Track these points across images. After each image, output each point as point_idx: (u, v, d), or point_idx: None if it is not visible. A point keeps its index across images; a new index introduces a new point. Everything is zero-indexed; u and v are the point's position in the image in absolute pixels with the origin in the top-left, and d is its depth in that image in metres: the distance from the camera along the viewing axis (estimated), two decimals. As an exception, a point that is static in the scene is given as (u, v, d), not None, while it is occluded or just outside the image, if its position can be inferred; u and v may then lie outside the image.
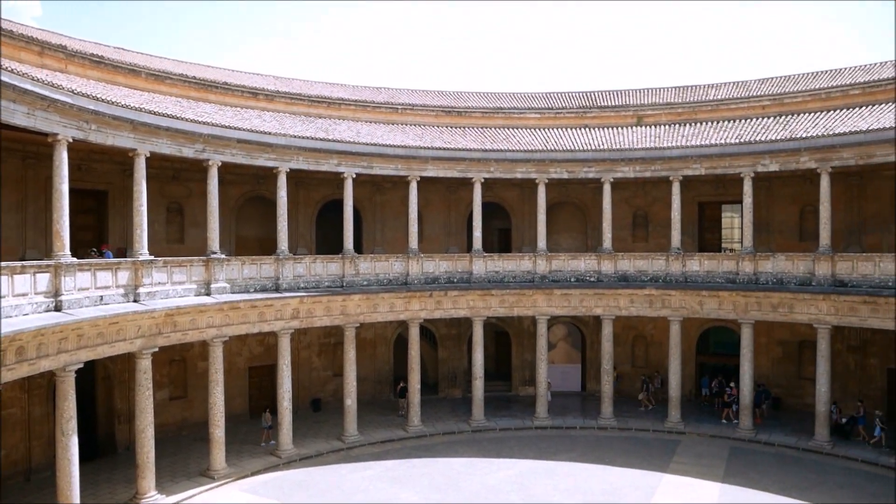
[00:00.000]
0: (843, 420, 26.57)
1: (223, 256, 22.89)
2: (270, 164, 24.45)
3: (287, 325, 24.59)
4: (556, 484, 22.30)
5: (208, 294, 22.00)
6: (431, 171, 28.17)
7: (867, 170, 26.85)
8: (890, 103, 27.38)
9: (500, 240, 36.14)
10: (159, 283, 20.38)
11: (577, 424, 29.01)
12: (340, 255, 26.45)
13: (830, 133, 25.62)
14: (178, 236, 27.00)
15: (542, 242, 29.42)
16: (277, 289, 24.35)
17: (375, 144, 27.17)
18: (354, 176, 26.56)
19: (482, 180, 28.82)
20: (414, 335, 27.99)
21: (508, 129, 33.18)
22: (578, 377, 35.16)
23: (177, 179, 26.39)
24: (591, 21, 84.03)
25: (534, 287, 28.94)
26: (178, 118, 21.49)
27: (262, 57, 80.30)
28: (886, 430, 25.04)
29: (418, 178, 27.88)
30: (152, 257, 20.20)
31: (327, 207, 31.24)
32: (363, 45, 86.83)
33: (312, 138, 25.72)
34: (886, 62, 30.90)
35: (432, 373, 34.70)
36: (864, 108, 27.99)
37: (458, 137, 31.12)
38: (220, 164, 22.72)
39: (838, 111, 28.57)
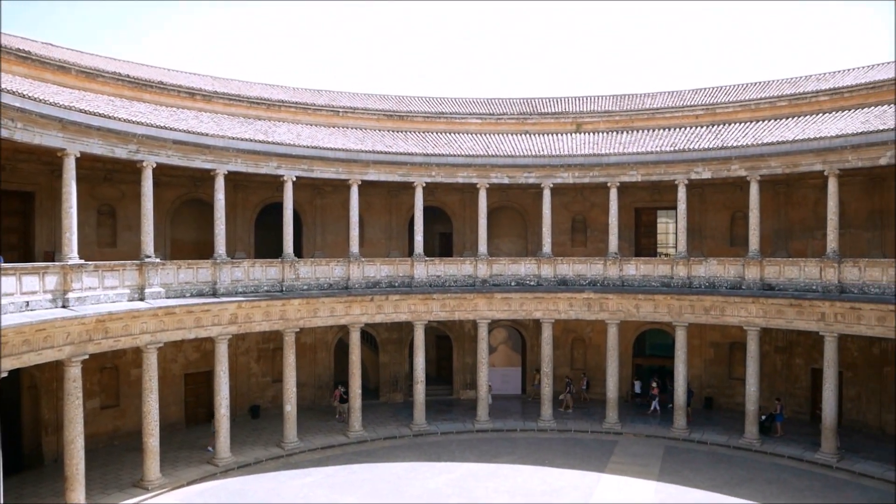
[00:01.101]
0: (763, 417, 27.61)
1: (158, 260, 22.24)
2: (208, 165, 23.90)
3: (225, 330, 24.06)
4: (497, 486, 22.47)
5: (142, 299, 21.34)
6: (373, 175, 28.07)
7: (793, 178, 28.10)
8: (815, 115, 28.70)
9: (442, 244, 36.29)
10: (90, 287, 19.64)
11: (518, 427, 29.31)
12: (280, 259, 26.06)
13: (759, 143, 26.70)
14: (110, 240, 26.08)
15: (483, 247, 29.67)
16: (215, 293, 23.80)
17: (316, 147, 26.90)
18: (294, 179, 26.22)
19: (424, 184, 28.88)
20: (355, 340, 27.80)
21: (450, 133, 33.35)
22: (519, 380, 35.56)
23: (109, 181, 25.50)
24: (532, 28, 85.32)
25: (475, 291, 29.14)
26: (110, 117, 20.76)
27: (197, 57, 78.49)
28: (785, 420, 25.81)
29: (359, 182, 27.73)
30: (82, 261, 19.44)
31: (267, 211, 30.75)
32: (305, 48, 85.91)
33: (252, 140, 25.28)
34: (811, 75, 32.43)
35: (373, 377, 34.52)
36: (790, 119, 29.27)
37: (399, 141, 31.11)
38: (154, 165, 22.05)
39: (766, 121, 29.79)
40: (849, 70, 31.28)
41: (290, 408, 26.02)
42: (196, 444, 25.96)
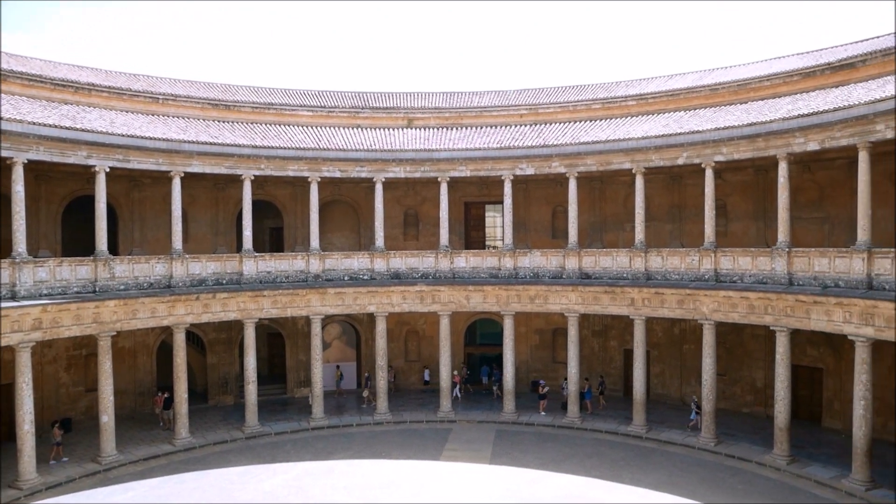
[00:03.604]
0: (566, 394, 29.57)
1: (-58, 261, 19.57)
2: (4, 154, 21.34)
3: (27, 337, 21.65)
4: (334, 483, 22.29)
5: (-78, 305, 18.68)
6: (197, 167, 26.58)
7: (606, 175, 30.45)
8: (625, 117, 31.26)
9: (273, 239, 35.25)
10: None
11: (354, 422, 29.25)
12: (92, 258, 23.91)
13: (576, 142, 28.67)
14: None
15: (315, 241, 29.19)
16: (14, 296, 21.36)
17: (133, 136, 24.97)
18: (108, 170, 24.15)
19: (252, 177, 27.84)
20: (179, 341, 26.23)
21: (280, 125, 32.40)
22: (354, 375, 35.45)
23: None
24: (364, 22, 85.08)
25: (307, 287, 28.62)
26: None
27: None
28: (700, 414, 26.72)
29: (182, 174, 26.16)
30: None
31: (76, 204, 28.14)
32: (121, 29, 79.36)
33: (56, 126, 22.92)
34: (621, 81, 35.31)
35: (201, 380, 32.81)
36: (603, 120, 31.63)
37: (226, 132, 29.74)
38: (-65, 152, 19.36)
39: (583, 122, 31.99)
40: (653, 78, 34.38)
41: (107, 418, 23.99)
42: (49, 452, 23.47)
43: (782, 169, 23.16)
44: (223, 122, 31.29)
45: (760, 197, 28.30)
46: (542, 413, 29.31)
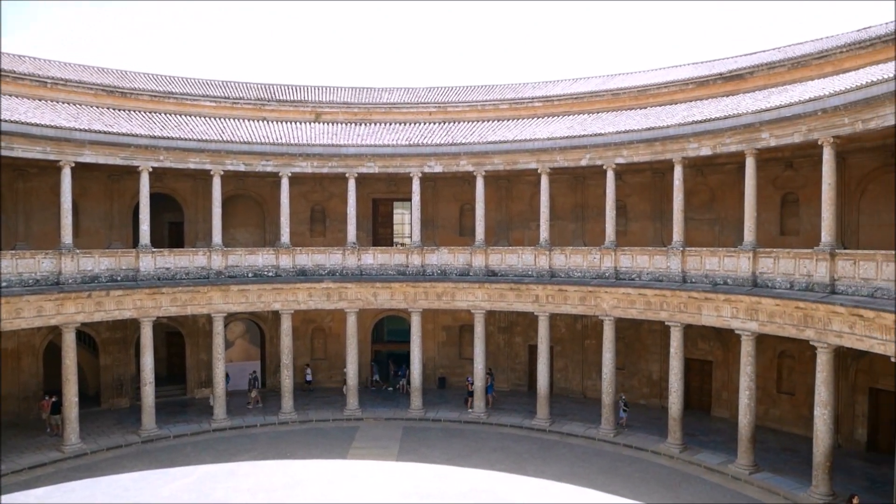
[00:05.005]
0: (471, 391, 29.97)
1: None
2: None
3: None
4: (237, 485, 21.67)
5: None
6: (89, 157, 25.12)
7: (513, 174, 31.05)
8: (532, 118, 31.97)
9: (172, 234, 33.83)
10: None
11: (258, 422, 28.54)
12: (-30, 252, 22.20)
13: (484, 141, 29.08)
14: None
15: (217, 237, 28.23)
16: None
17: (17, 122, 23.25)
18: (-11, 158, 22.50)
19: (151, 169, 26.59)
20: (69, 342, 24.72)
21: (181, 115, 31.13)
22: (259, 374, 34.52)
23: None
24: (270, 14, 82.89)
25: (209, 283, 27.65)
26: None
27: None
28: (629, 411, 27.73)
29: (73, 164, 24.64)
30: None
31: (-49, 195, 26.05)
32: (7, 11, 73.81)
33: (-72, 110, 21.13)
34: (528, 83, 36.07)
35: (94, 382, 31.11)
36: (511, 120, 32.24)
37: (122, 121, 28.27)
38: None
39: (491, 122, 32.50)
40: (558, 81, 35.34)
41: (-13, 424, 22.37)
42: None
43: (678, 172, 24.34)
44: (119, 110, 29.73)
45: (658, 198, 29.63)
46: (470, 410, 29.37)
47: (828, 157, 19.56)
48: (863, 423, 24.31)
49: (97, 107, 29.21)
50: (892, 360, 16.99)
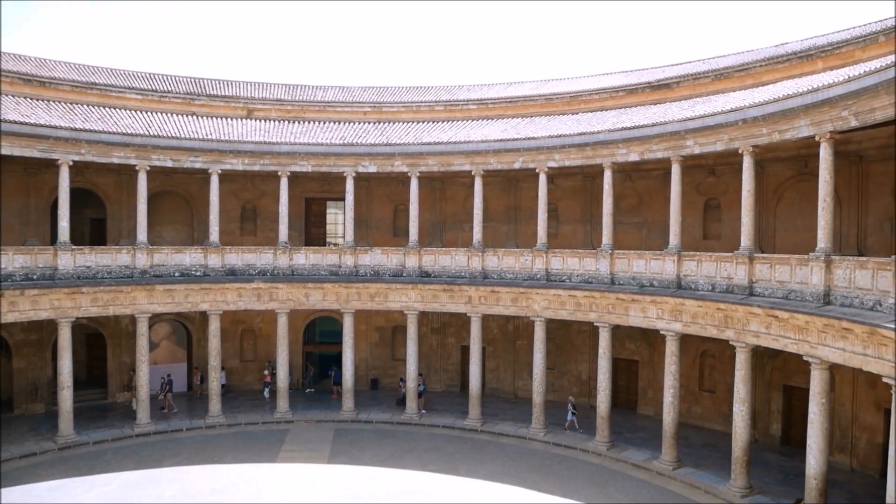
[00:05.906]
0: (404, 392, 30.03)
1: None
2: None
3: None
4: (161, 492, 20.97)
5: None
6: (5, 149, 23.83)
7: (447, 176, 31.20)
8: (466, 120, 32.19)
9: (94, 231, 32.43)
10: None
11: (184, 426, 27.68)
12: None
13: (419, 142, 29.11)
14: None
15: (142, 235, 27.25)
16: None
17: (-77, 111, 21.97)
18: None
19: (71, 163, 25.43)
20: (-20, 344, 23.45)
21: (105, 108, 29.92)
22: (185, 376, 33.56)
23: None
24: (200, 6, 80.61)
25: (133, 283, 26.67)
26: None
27: None
28: (577, 413, 27.57)
29: (-14, 157, 23.41)
30: None
31: None
32: None
33: None
34: (463, 85, 36.29)
35: (6, 387, 29.42)
36: (445, 122, 32.39)
37: (40, 111, 26.95)
38: None
39: (426, 123, 32.55)
40: (493, 84, 35.71)
41: None
42: None
43: (607, 177, 24.97)
44: (38, 100, 28.35)
45: (588, 202, 30.32)
46: (424, 411, 29.29)
47: (747, 165, 20.47)
48: (777, 419, 25.56)
49: (13, 96, 27.77)
50: (804, 358, 17.93)
